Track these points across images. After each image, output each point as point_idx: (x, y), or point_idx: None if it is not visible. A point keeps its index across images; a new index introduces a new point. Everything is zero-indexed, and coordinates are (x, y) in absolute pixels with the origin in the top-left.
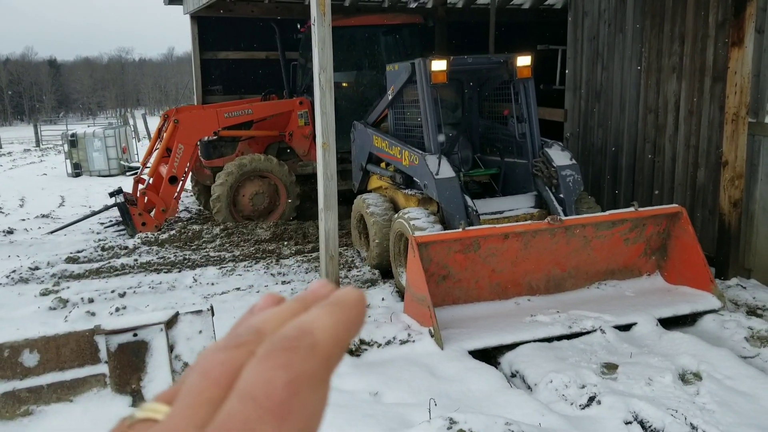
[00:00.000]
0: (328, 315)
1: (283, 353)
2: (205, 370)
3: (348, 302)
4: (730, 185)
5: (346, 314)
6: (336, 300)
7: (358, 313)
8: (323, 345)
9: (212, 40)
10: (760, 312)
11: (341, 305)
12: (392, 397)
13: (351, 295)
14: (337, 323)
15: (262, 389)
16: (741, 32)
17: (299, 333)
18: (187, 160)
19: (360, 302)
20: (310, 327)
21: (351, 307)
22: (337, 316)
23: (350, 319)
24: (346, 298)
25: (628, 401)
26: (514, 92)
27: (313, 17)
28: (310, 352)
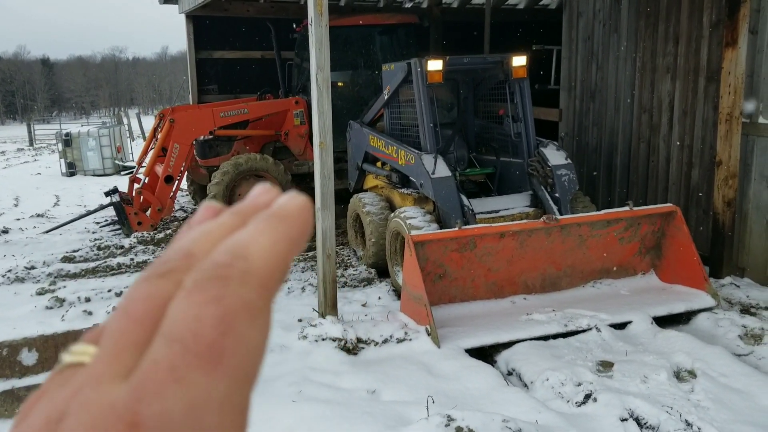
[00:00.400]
0: (266, 231)
1: (212, 283)
2: (128, 306)
3: (288, 213)
4: (724, 185)
5: (286, 228)
6: (275, 212)
7: (300, 226)
8: (259, 269)
9: (207, 40)
10: (754, 310)
11: (280, 218)
12: (390, 396)
13: (291, 204)
14: (276, 241)
15: (189, 329)
16: (735, 33)
17: (231, 257)
18: (182, 159)
19: (302, 212)
20: (244, 248)
21: (292, 219)
22: (275, 232)
23: (291, 234)
24: (286, 208)
25: (623, 399)
26: (509, 92)
27: (311, 17)
28: (243, 280)
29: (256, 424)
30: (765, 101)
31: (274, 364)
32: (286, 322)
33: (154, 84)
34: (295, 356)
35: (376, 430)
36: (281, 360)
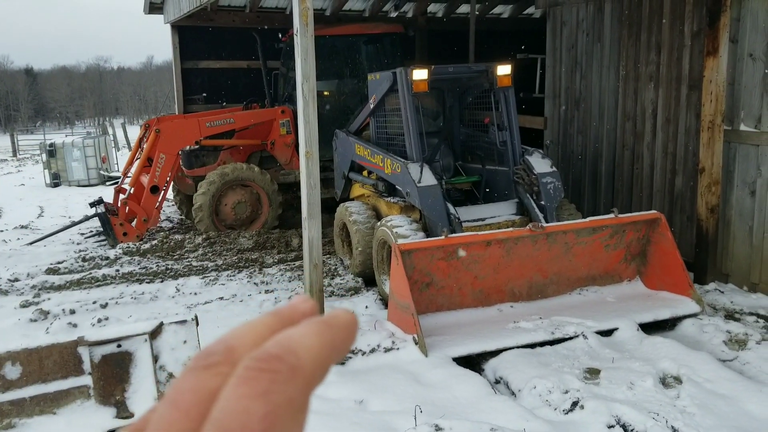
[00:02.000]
0: (315, 334)
1: (262, 375)
2: (175, 398)
3: (338, 323)
4: (707, 191)
5: (334, 335)
6: (326, 319)
7: (347, 336)
8: (306, 367)
9: (193, 50)
10: (738, 316)
11: (330, 325)
12: (377, 405)
13: (343, 316)
14: (324, 344)
15: (237, 422)
16: (716, 42)
17: (283, 350)
18: (168, 169)
19: (351, 324)
20: (294, 345)
21: (341, 328)
22: (324, 337)
23: (338, 342)
24: (337, 318)
25: (610, 405)
26: (494, 100)
27: (296, 28)
28: (291, 376)
29: None
30: (746, 109)
31: None
32: None
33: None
34: None
35: None
36: None
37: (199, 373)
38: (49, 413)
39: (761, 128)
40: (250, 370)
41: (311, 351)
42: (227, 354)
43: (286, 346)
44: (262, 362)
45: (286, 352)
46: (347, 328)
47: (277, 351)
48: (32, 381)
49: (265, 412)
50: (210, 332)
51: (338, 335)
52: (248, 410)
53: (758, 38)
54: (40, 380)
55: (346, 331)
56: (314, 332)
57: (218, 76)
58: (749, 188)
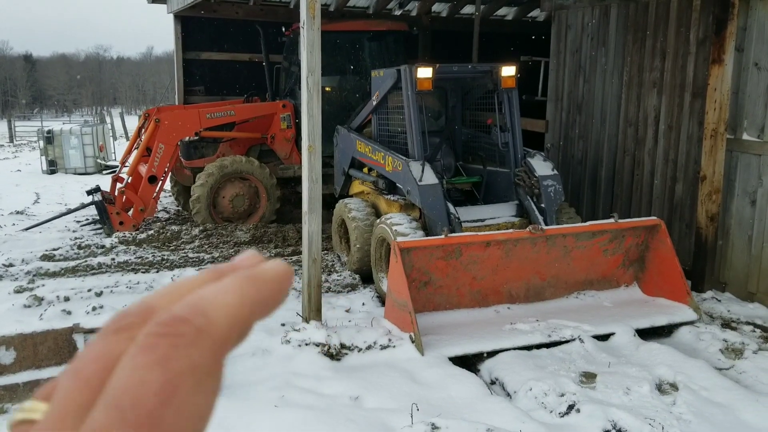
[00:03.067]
0: (234, 290)
1: (162, 341)
2: (78, 366)
3: (266, 276)
4: (708, 200)
5: (260, 290)
6: (251, 273)
7: (276, 290)
8: (217, 327)
9: (195, 40)
10: (735, 325)
11: (256, 279)
12: (373, 402)
13: (272, 268)
14: (243, 300)
15: (130, 395)
16: (721, 50)
17: (189, 312)
18: (167, 159)
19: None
20: (205, 304)
21: (268, 281)
22: (245, 292)
23: (263, 297)
24: (266, 271)
25: (606, 410)
26: (497, 102)
27: (303, 20)
28: (196, 338)
29: (236, 429)
30: (749, 118)
31: (256, 369)
32: (269, 326)
33: (138, 84)
34: (278, 361)
35: None
36: (263, 364)
37: (107, 337)
38: None
39: (764, 138)
40: (150, 336)
41: (225, 309)
42: (144, 314)
43: (195, 305)
44: (165, 326)
45: (193, 312)
46: (277, 281)
47: (184, 312)
48: (26, 366)
49: (163, 382)
50: None
51: (264, 289)
52: (143, 381)
53: (764, 48)
54: (34, 366)
55: (275, 285)
56: (234, 288)
57: (220, 68)
58: (750, 198)
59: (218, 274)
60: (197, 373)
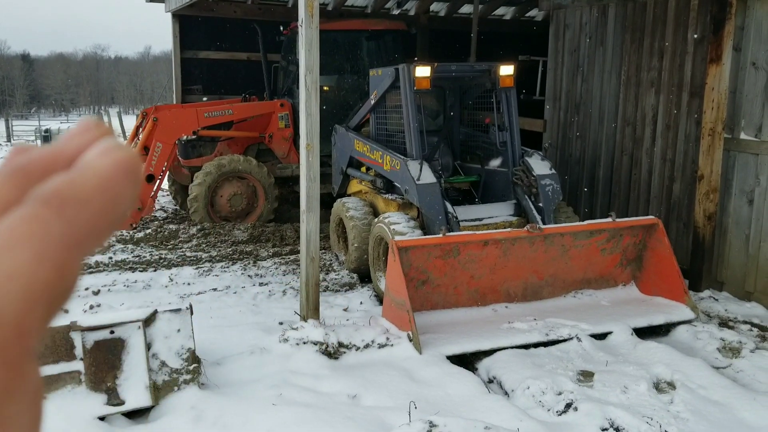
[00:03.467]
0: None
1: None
2: None
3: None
4: (705, 199)
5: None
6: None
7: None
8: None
9: (193, 39)
10: (732, 324)
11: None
12: (371, 400)
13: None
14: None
15: None
16: (719, 49)
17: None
18: (165, 158)
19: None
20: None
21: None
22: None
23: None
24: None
25: (604, 408)
26: (496, 101)
27: (301, 18)
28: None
29: (235, 427)
30: (747, 118)
31: (254, 367)
32: (267, 324)
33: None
34: (276, 359)
35: None
36: (261, 363)
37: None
38: None
39: (761, 137)
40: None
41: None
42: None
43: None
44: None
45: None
46: (102, 195)
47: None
48: None
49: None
50: (203, 322)
51: (81, 217)
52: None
53: (762, 47)
54: None
55: (101, 202)
56: (26, 233)
57: (218, 67)
58: (747, 197)
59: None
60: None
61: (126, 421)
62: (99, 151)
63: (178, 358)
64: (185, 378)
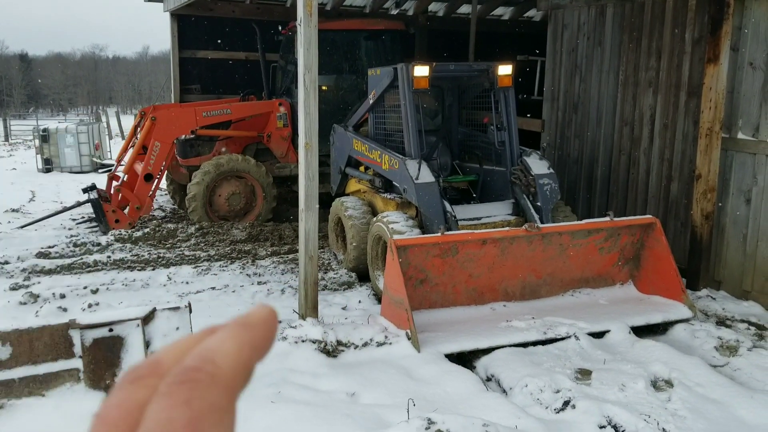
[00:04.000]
0: (231, 338)
1: (182, 387)
2: (103, 414)
3: (255, 322)
4: (703, 198)
5: (251, 334)
6: (241, 320)
7: (265, 332)
8: (226, 372)
9: (192, 39)
10: (729, 323)
11: (246, 325)
12: (369, 398)
13: (258, 313)
14: (241, 346)
15: (162, 430)
16: (717, 49)
17: (200, 361)
18: (163, 158)
19: (267, 320)
20: (211, 354)
21: (258, 327)
22: (241, 338)
23: (255, 340)
24: (253, 316)
25: (601, 406)
26: (494, 100)
27: (300, 18)
28: (211, 383)
29: None
30: (744, 117)
31: None
32: None
33: (133, 83)
34: (275, 357)
35: None
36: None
37: (125, 387)
38: (38, 395)
39: (759, 137)
40: (171, 384)
41: (229, 356)
42: (153, 367)
43: (203, 356)
44: (182, 375)
45: (203, 361)
46: (265, 325)
47: (195, 362)
48: (22, 362)
49: (189, 418)
50: (202, 321)
51: (256, 334)
52: (172, 419)
53: (759, 47)
54: (30, 362)
55: (264, 328)
56: (231, 337)
57: (216, 67)
58: (744, 196)
59: (213, 329)
60: (216, 410)
61: None
62: (256, 307)
63: None
64: None
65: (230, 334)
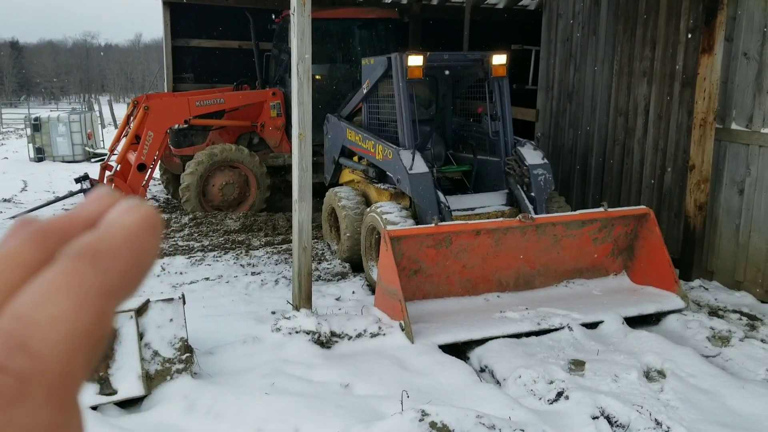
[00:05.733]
0: (66, 288)
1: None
2: None
3: (112, 244)
4: (696, 189)
5: (103, 273)
6: (91, 243)
7: (128, 264)
8: (49, 364)
9: (185, 27)
10: (722, 313)
11: (96, 254)
12: (363, 389)
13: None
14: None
15: None
16: (711, 39)
17: (5, 351)
18: (156, 147)
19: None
20: (24, 330)
21: (115, 254)
22: (82, 286)
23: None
24: (112, 233)
25: (595, 397)
26: (488, 90)
27: (293, 7)
28: (20, 394)
29: (228, 416)
30: (738, 108)
31: (247, 357)
32: (260, 314)
33: (126, 72)
34: (268, 348)
35: (350, 423)
36: (254, 352)
37: None
38: None
39: (752, 127)
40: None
41: (56, 329)
42: None
43: (8, 335)
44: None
45: (8, 350)
46: (129, 248)
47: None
48: None
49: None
50: (195, 312)
51: (112, 269)
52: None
53: (753, 37)
54: None
55: (129, 254)
56: (64, 284)
57: (209, 56)
58: (738, 187)
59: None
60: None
61: (118, 410)
62: (122, 210)
63: (171, 348)
64: (178, 367)
65: (64, 279)
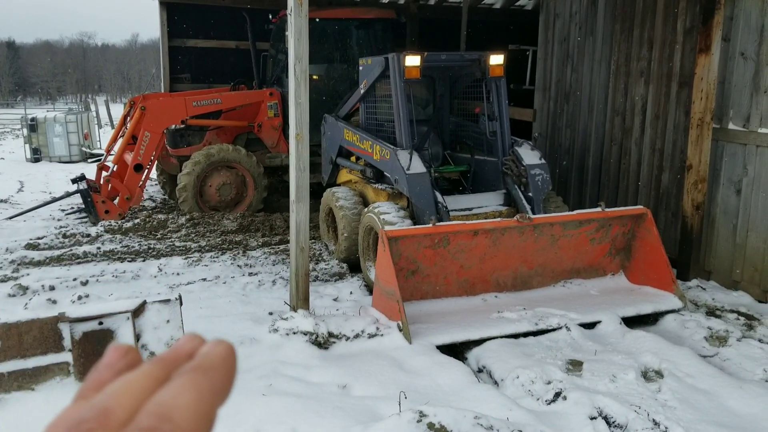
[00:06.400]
0: (190, 387)
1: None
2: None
3: (212, 364)
4: (694, 189)
5: (212, 380)
6: (198, 365)
7: (226, 374)
8: (186, 428)
9: (181, 27)
10: (719, 313)
11: (205, 370)
12: (361, 390)
13: (215, 352)
14: (201, 396)
15: None
16: (708, 39)
17: (156, 420)
18: (153, 148)
19: (226, 360)
20: (168, 410)
21: (216, 369)
22: (200, 387)
23: (215, 387)
24: (210, 358)
25: (592, 397)
26: (485, 90)
27: (290, 7)
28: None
29: (225, 417)
30: (735, 108)
31: (244, 357)
32: (257, 314)
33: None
34: (266, 349)
35: (348, 424)
36: (251, 353)
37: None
38: (27, 389)
39: (749, 127)
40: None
41: (188, 409)
42: (102, 419)
43: (159, 413)
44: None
45: (159, 420)
46: (224, 366)
47: (151, 422)
48: (11, 356)
49: None
50: (192, 313)
51: (216, 378)
52: None
53: (750, 37)
54: (18, 355)
55: (224, 370)
56: (188, 386)
57: (206, 56)
58: (735, 187)
59: (164, 366)
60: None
61: None
62: (213, 344)
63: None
64: None
65: (187, 383)
